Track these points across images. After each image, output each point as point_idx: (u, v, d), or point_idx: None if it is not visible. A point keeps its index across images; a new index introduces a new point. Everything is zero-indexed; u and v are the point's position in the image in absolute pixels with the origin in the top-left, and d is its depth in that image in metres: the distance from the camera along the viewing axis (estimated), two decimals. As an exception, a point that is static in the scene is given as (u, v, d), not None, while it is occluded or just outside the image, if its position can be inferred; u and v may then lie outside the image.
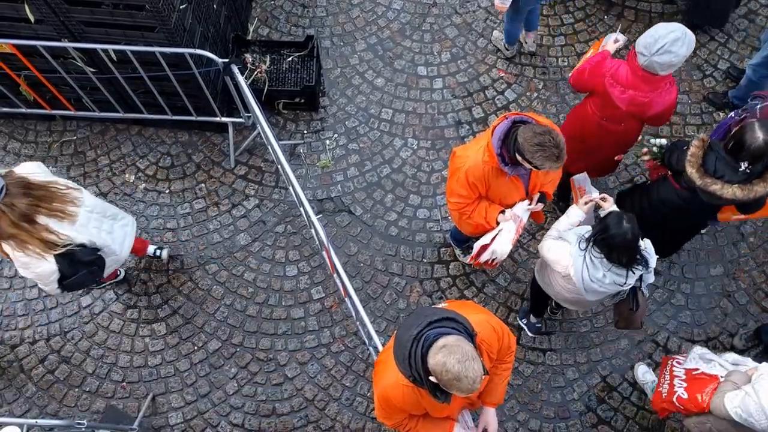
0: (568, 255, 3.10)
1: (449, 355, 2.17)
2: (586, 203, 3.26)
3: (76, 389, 4.18)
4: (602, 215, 3.16)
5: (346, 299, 4.01)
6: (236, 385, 4.17)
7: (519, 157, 2.90)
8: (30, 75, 4.25)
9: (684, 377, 3.30)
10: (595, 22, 5.17)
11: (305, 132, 4.83)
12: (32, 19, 3.77)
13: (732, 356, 3.30)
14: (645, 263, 3.04)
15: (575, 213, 3.27)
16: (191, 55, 3.87)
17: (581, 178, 3.72)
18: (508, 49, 4.94)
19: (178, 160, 4.76)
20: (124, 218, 3.73)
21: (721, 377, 3.15)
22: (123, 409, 4.13)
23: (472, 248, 4.20)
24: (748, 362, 3.20)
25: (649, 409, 4.09)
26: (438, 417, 2.74)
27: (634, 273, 3.02)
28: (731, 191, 3.05)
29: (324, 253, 4.01)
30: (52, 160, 4.75)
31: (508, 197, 3.25)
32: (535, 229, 4.52)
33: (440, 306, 2.69)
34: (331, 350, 4.24)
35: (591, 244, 3.02)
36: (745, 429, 2.96)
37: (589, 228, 3.18)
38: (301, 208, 4.14)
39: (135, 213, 4.59)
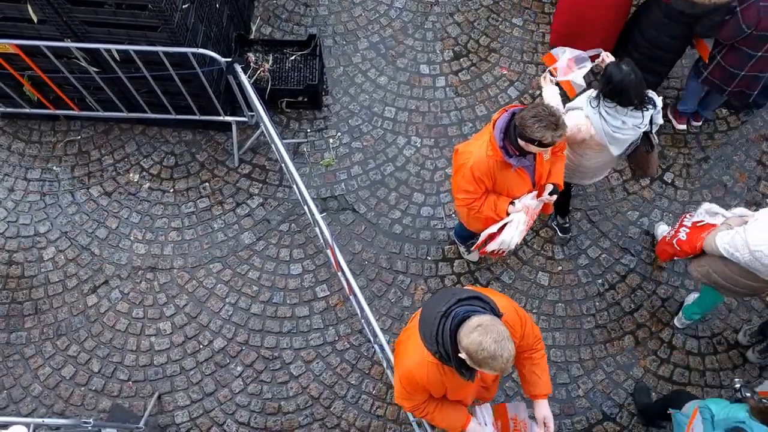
0: (584, 117, 3.34)
1: (485, 335, 2.20)
2: (549, 76, 3.55)
3: (82, 388, 4.20)
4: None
5: (350, 297, 4.02)
6: (242, 383, 4.19)
7: (521, 142, 2.93)
8: (33, 75, 4.26)
9: (689, 226, 3.58)
10: (597, 18, 5.16)
11: (308, 131, 4.84)
12: (35, 19, 3.78)
13: (739, 210, 3.47)
14: (653, 102, 3.32)
15: (550, 92, 3.51)
16: (194, 54, 3.88)
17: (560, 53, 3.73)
18: None
19: (182, 160, 4.77)
20: None
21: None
22: (129, 408, 4.14)
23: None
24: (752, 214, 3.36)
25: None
26: (454, 400, 2.76)
27: (648, 110, 3.28)
28: None
29: (328, 251, 4.03)
30: (57, 160, 4.76)
31: (515, 189, 3.27)
32: (539, 227, 4.53)
33: (464, 288, 2.71)
34: (336, 348, 4.25)
35: (601, 99, 3.26)
36: (736, 266, 3.23)
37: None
38: (305, 207, 4.14)
39: (140, 212, 4.61)
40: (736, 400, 3.08)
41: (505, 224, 3.34)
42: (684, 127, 4.78)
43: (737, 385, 3.22)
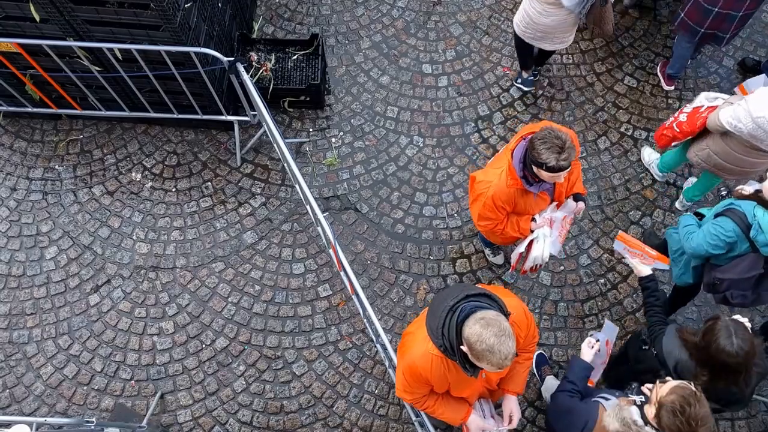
0: None
1: (487, 327, 2.21)
2: None
3: (85, 387, 4.20)
4: None
5: (353, 297, 4.02)
6: (244, 382, 4.19)
7: (535, 168, 2.91)
8: (36, 74, 4.26)
9: (689, 111, 3.71)
10: (599, 18, 5.17)
11: (311, 130, 4.84)
12: (37, 18, 3.78)
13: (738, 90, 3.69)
14: None
15: None
16: (196, 53, 3.87)
17: None
18: None
19: (185, 159, 4.77)
20: None
21: None
22: (132, 407, 4.14)
23: (501, 249, 4.29)
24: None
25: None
26: (457, 396, 2.76)
27: None
28: None
29: (330, 250, 4.03)
30: (59, 159, 4.76)
31: (536, 209, 3.28)
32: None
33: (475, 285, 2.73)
34: (338, 348, 4.25)
35: None
36: (736, 143, 3.45)
37: None
38: (307, 206, 4.14)
39: (142, 212, 4.61)
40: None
41: (531, 241, 3.36)
42: (672, 88, 4.90)
43: (723, 192, 3.57)
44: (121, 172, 4.73)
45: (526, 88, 4.84)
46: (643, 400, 2.51)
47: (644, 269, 3.21)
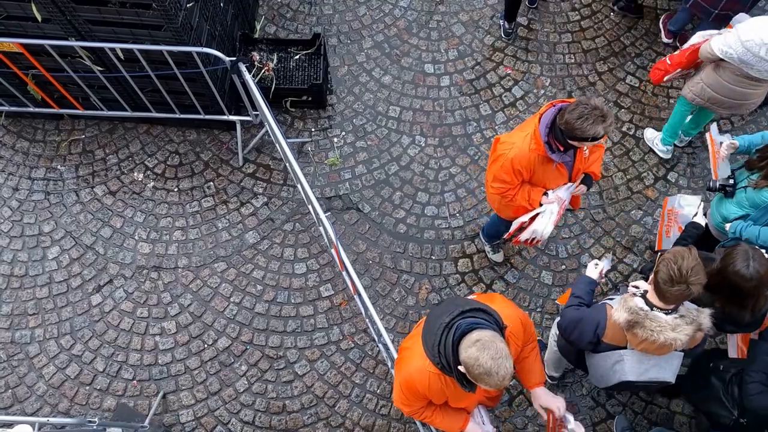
0: None
1: (483, 351, 2.20)
2: None
3: (87, 387, 4.20)
4: None
5: (355, 296, 4.03)
6: (246, 382, 4.19)
7: (573, 142, 2.91)
8: (38, 74, 4.26)
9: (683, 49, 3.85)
10: (601, 18, 5.17)
11: (313, 130, 4.84)
12: (39, 18, 3.78)
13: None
14: None
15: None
16: (198, 53, 3.87)
17: None
18: None
19: (187, 159, 4.77)
20: None
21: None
22: (134, 407, 4.14)
23: (501, 246, 4.26)
24: None
25: (658, 403, 4.10)
26: (456, 407, 2.76)
27: None
28: None
29: (332, 250, 4.03)
30: (61, 159, 4.76)
31: (551, 183, 3.26)
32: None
33: (470, 298, 2.72)
34: (340, 347, 4.26)
35: None
36: (727, 73, 3.59)
37: None
38: (310, 206, 4.15)
39: (144, 212, 4.61)
40: (729, 193, 3.41)
41: (537, 214, 3.35)
42: (669, 41, 4.98)
43: (725, 181, 3.44)
44: (123, 172, 4.73)
45: (505, 36, 5.07)
46: (645, 291, 2.71)
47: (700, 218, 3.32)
